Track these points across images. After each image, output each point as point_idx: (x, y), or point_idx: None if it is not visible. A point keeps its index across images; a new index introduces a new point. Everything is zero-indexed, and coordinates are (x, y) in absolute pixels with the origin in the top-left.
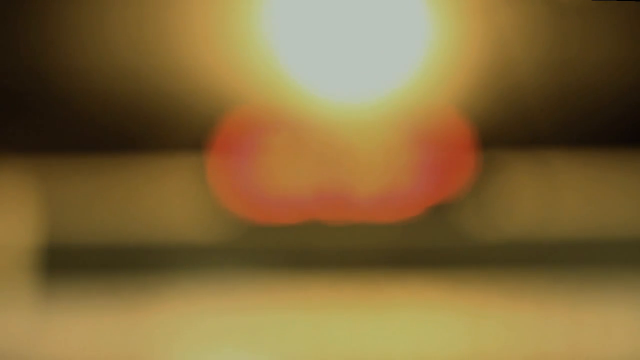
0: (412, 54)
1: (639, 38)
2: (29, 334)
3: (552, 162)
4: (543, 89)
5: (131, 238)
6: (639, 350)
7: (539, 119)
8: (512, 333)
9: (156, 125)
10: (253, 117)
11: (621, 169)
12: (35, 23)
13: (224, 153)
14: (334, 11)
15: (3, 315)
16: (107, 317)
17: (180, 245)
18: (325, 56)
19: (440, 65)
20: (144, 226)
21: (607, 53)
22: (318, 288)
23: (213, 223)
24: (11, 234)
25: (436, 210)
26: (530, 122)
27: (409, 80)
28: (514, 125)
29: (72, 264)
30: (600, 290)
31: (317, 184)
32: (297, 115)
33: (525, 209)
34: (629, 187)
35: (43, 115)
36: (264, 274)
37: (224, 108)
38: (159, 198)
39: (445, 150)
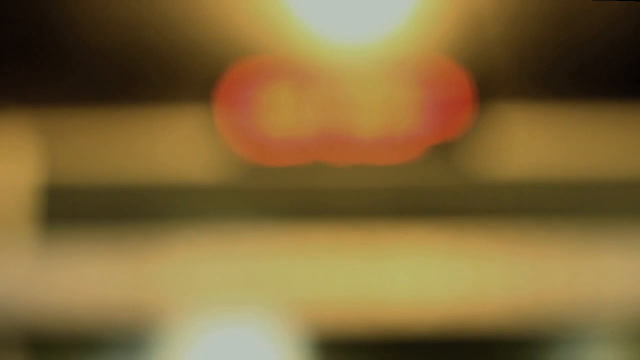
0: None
1: None
2: (32, 277)
3: (549, 109)
4: (538, 40)
5: (137, 180)
6: (635, 291)
7: (534, 67)
8: (511, 275)
9: (164, 70)
10: (257, 63)
11: (615, 119)
12: None
13: (229, 97)
14: None
15: (7, 260)
16: (110, 261)
17: (186, 186)
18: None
19: (438, 10)
20: (151, 168)
21: (604, 5)
22: (322, 231)
23: (219, 165)
24: (18, 179)
25: (436, 151)
26: (525, 71)
27: (409, 23)
28: (510, 73)
29: (79, 206)
30: (597, 233)
31: (321, 126)
32: (300, 60)
33: (522, 152)
34: (621, 135)
35: (50, 65)
36: (269, 217)
37: (228, 55)
38: (165, 142)
39: (444, 93)
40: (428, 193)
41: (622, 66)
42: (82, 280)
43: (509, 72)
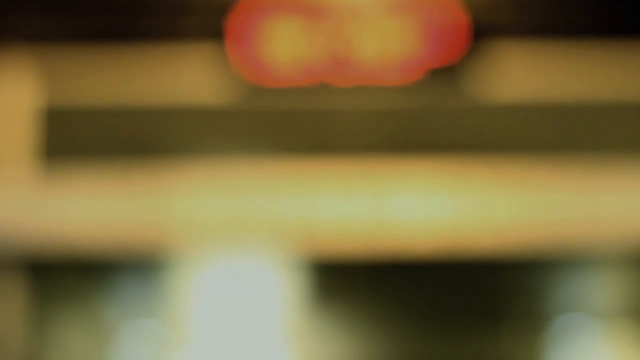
0: None
1: None
2: (34, 205)
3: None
4: None
5: (143, 102)
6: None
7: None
8: (523, 202)
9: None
10: None
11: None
12: None
13: (237, 25)
14: None
15: (9, 192)
16: (111, 188)
17: (192, 110)
18: None
19: None
20: (157, 90)
21: None
22: (326, 160)
23: (226, 87)
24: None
25: (437, 75)
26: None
27: None
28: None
29: (82, 132)
30: (610, 159)
31: (325, 49)
32: None
33: (522, 75)
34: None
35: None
36: (274, 142)
37: None
38: (172, 67)
39: (443, 18)
40: (429, 116)
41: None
42: (83, 207)
43: None
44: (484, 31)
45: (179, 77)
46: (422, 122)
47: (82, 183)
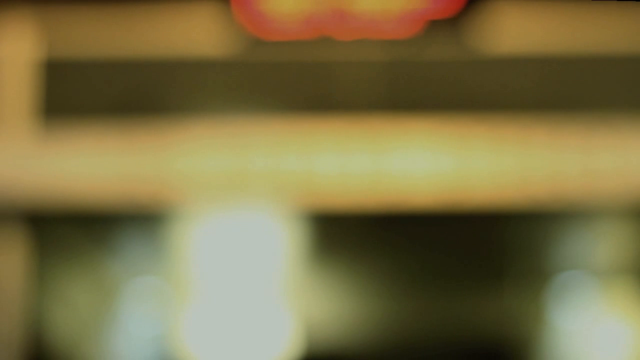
0: None
1: None
2: (34, 163)
3: None
4: None
5: (145, 55)
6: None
7: None
8: (522, 157)
9: None
10: None
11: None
12: None
13: None
14: None
15: (10, 147)
16: (112, 144)
17: (194, 61)
18: None
19: None
20: (159, 43)
21: None
22: (327, 116)
23: (228, 40)
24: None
25: (439, 26)
26: None
27: None
28: None
29: (85, 83)
30: (609, 114)
31: (327, 1)
32: None
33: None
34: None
35: None
36: (275, 98)
37: None
38: (174, 16)
39: None
40: (429, 68)
41: None
42: (84, 161)
43: None
44: None
45: (180, 29)
46: (422, 75)
47: (82, 138)
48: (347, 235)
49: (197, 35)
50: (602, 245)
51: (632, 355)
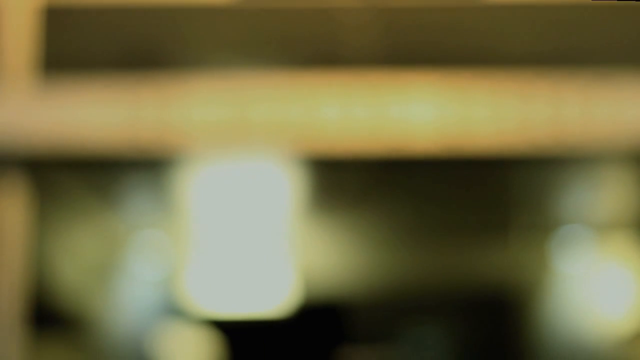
0: None
1: None
2: (36, 112)
3: None
4: None
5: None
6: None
7: None
8: (523, 106)
9: None
10: None
11: None
12: None
13: None
14: None
15: (13, 95)
16: (114, 94)
17: (199, 7)
18: None
19: None
20: None
21: None
22: (328, 67)
23: None
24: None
25: None
26: None
27: None
28: None
29: (87, 30)
30: (609, 72)
31: None
32: None
33: None
34: None
35: None
36: (276, 43)
37: None
38: None
39: None
40: (430, 15)
41: None
42: (85, 110)
43: None
44: None
45: None
46: (423, 22)
47: (85, 86)
48: (349, 183)
49: None
50: (602, 192)
51: (632, 301)
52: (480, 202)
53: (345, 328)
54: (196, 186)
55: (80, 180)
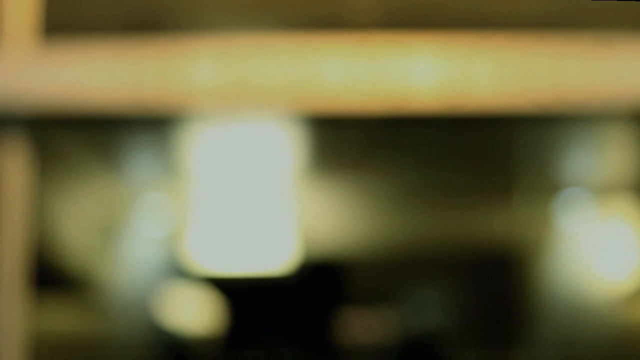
0: None
1: None
2: (37, 72)
3: None
4: None
5: None
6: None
7: None
8: (525, 67)
9: None
10: None
11: None
12: None
13: None
14: None
15: (15, 56)
16: (115, 55)
17: None
18: None
19: None
20: None
21: None
22: (328, 29)
23: None
24: None
25: None
26: None
27: None
28: None
29: None
30: (611, 34)
31: None
32: None
33: None
34: None
35: None
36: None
37: None
38: None
39: None
40: None
41: None
42: (86, 71)
43: None
44: None
45: None
46: None
47: (87, 46)
48: (350, 143)
49: None
50: (603, 152)
51: (633, 260)
52: (481, 160)
53: (346, 289)
54: (198, 146)
55: (82, 140)
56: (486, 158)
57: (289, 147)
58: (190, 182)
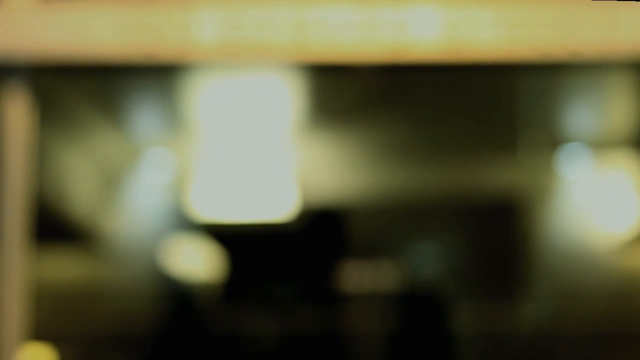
0: None
1: None
2: (37, 21)
3: None
4: None
5: None
6: None
7: None
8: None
9: None
10: None
11: None
12: None
13: None
14: None
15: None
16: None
17: None
18: None
19: None
20: None
21: None
22: None
23: None
24: None
25: None
26: None
27: None
28: None
29: None
30: None
31: None
32: None
33: None
34: None
35: None
36: None
37: None
38: None
39: None
40: None
41: None
42: (89, 15)
43: None
44: None
45: None
46: None
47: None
48: (350, 90)
49: None
50: (607, 103)
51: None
52: (482, 108)
53: (346, 238)
54: (200, 95)
55: (85, 89)
56: (487, 106)
57: (286, 95)
58: (192, 132)
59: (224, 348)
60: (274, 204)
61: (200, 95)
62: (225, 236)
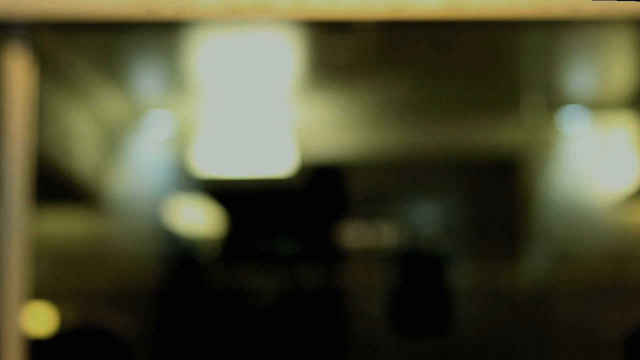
0: None
1: None
2: None
3: None
4: None
5: None
6: None
7: None
8: None
9: None
10: None
11: None
12: None
13: None
14: None
15: None
16: None
17: None
18: None
19: None
20: None
21: None
22: None
23: None
24: None
25: None
26: None
27: None
28: None
29: None
30: None
31: None
32: None
33: None
34: None
35: None
36: None
37: None
38: None
39: None
40: None
41: None
42: None
43: None
44: None
45: None
46: None
47: None
48: (348, 47)
49: None
50: (608, 62)
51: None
52: (482, 65)
53: (345, 198)
54: (201, 53)
55: (84, 44)
56: (487, 62)
57: (289, 53)
58: (193, 90)
59: (225, 304)
60: (275, 161)
61: (201, 52)
62: (227, 194)
